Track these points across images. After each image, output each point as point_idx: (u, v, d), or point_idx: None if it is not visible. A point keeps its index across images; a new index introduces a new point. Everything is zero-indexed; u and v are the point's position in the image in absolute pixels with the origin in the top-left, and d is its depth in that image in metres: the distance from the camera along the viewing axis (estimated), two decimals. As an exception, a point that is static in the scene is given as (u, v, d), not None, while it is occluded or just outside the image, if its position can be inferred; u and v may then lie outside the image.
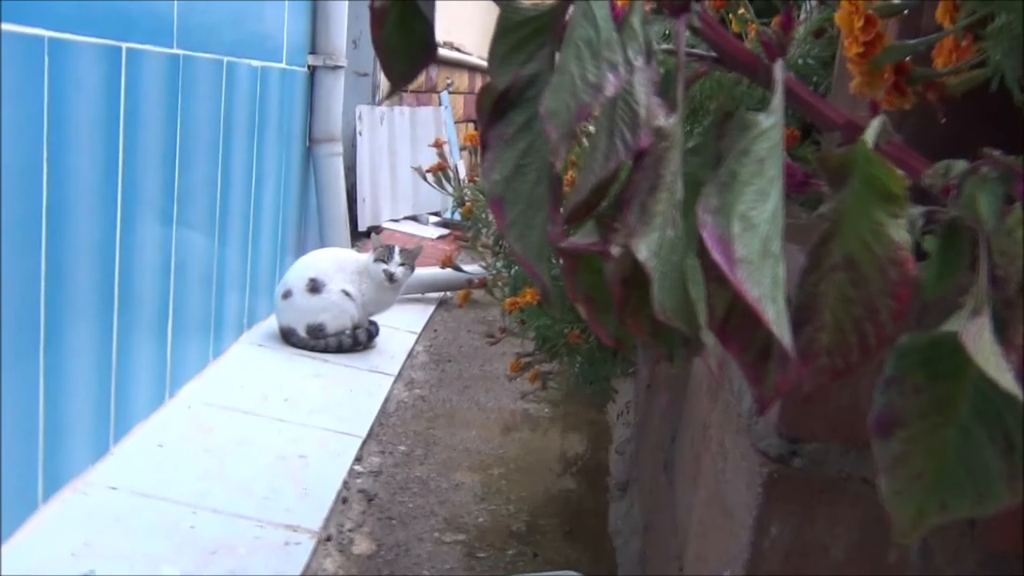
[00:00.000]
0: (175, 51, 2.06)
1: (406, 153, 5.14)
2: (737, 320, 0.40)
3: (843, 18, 0.63)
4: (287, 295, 2.80)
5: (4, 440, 1.54)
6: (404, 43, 0.44)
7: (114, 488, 1.81)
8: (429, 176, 1.77)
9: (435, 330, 3.42)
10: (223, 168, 2.45)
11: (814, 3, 1.14)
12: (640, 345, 0.46)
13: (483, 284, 1.73)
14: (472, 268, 3.10)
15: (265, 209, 2.89)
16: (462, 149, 5.99)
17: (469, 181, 1.75)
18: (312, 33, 3.19)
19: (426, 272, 3.53)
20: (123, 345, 1.94)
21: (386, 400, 2.58)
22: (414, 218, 5.35)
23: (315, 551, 1.73)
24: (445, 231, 5.32)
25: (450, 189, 1.77)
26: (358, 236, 4.25)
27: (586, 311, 0.48)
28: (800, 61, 1.01)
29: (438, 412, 2.61)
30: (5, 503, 1.56)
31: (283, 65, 2.90)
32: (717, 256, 0.37)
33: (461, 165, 6.19)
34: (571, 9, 0.38)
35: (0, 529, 1.56)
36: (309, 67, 3.18)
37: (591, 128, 0.47)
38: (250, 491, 1.90)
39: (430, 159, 2.06)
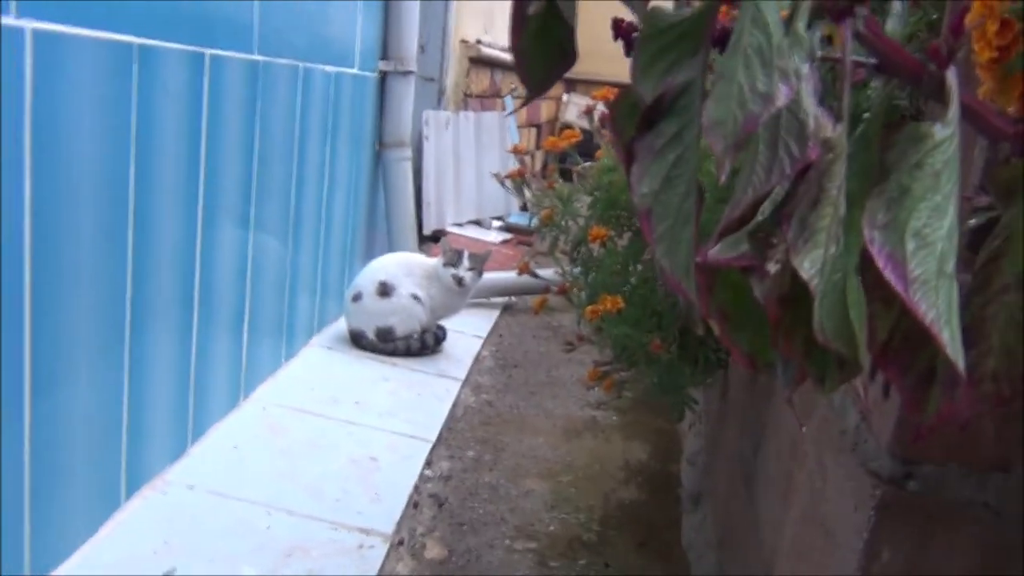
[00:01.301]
0: (255, 57, 2.09)
1: (471, 158, 5.16)
2: (899, 343, 0.38)
3: (975, 21, 0.61)
4: (357, 298, 2.83)
5: (91, 438, 1.58)
6: (543, 50, 0.43)
7: (192, 487, 1.85)
8: (508, 182, 1.76)
9: (501, 335, 3.42)
10: (297, 172, 2.48)
11: (900, 5, 1.11)
12: (782, 366, 0.43)
13: (564, 291, 1.72)
14: (541, 272, 3.09)
15: (336, 213, 2.92)
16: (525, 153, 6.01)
17: (548, 187, 1.74)
18: (383, 38, 3.21)
19: (493, 277, 3.53)
20: (202, 347, 1.98)
21: (454, 404, 2.58)
22: (477, 222, 5.36)
23: (388, 555, 1.73)
24: (508, 235, 5.34)
25: (529, 195, 1.76)
26: (423, 240, 4.27)
27: (720, 328, 0.46)
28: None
29: (505, 418, 2.60)
30: (90, 501, 1.60)
31: (355, 70, 2.93)
32: (889, 275, 0.34)
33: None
34: (734, 13, 0.36)
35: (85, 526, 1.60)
36: (380, 72, 3.21)
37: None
38: (322, 493, 1.91)
39: (494, 164, 2.06)
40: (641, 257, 1.64)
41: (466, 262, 2.88)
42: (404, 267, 2.90)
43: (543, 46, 0.43)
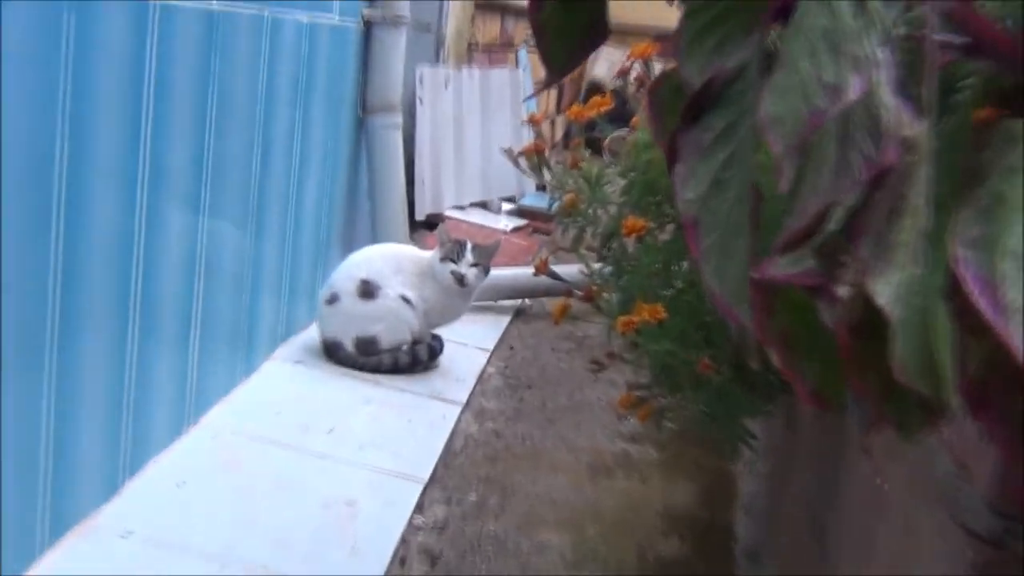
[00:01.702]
0: (211, 5, 2.11)
1: (476, 124, 5.19)
2: (996, 382, 0.39)
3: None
4: (333, 300, 2.86)
5: (3, 472, 1.60)
6: (569, 23, 0.44)
7: (126, 535, 1.87)
8: (522, 161, 1.78)
9: (511, 347, 3.45)
10: (261, 145, 2.50)
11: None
12: (855, 406, 0.45)
13: (590, 296, 1.73)
14: (562, 270, 3.12)
15: (308, 194, 2.96)
16: (544, 118, 6.02)
17: (572, 166, 1.76)
18: (369, -22, 3.26)
19: (502, 274, 3.57)
20: (141, 360, 2.01)
21: (452, 435, 2.61)
22: (483, 205, 5.39)
23: (370, 622, 1.76)
24: (520, 221, 5.37)
25: (549, 176, 1.78)
26: (415, 227, 4.31)
27: (780, 357, 0.47)
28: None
29: (516, 452, 2.62)
30: (2, 550, 1.62)
31: (334, 19, 2.96)
32: (980, 301, 0.36)
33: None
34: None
35: (-3, 581, 1.62)
36: (364, 20, 3.23)
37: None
38: (288, 545, 1.93)
39: (505, 133, 2.07)
40: (687, 255, 1.65)
41: (469, 256, 2.91)
42: (392, 262, 2.93)
43: (569, 18, 0.45)
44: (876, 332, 0.40)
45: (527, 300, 3.89)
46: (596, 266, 1.79)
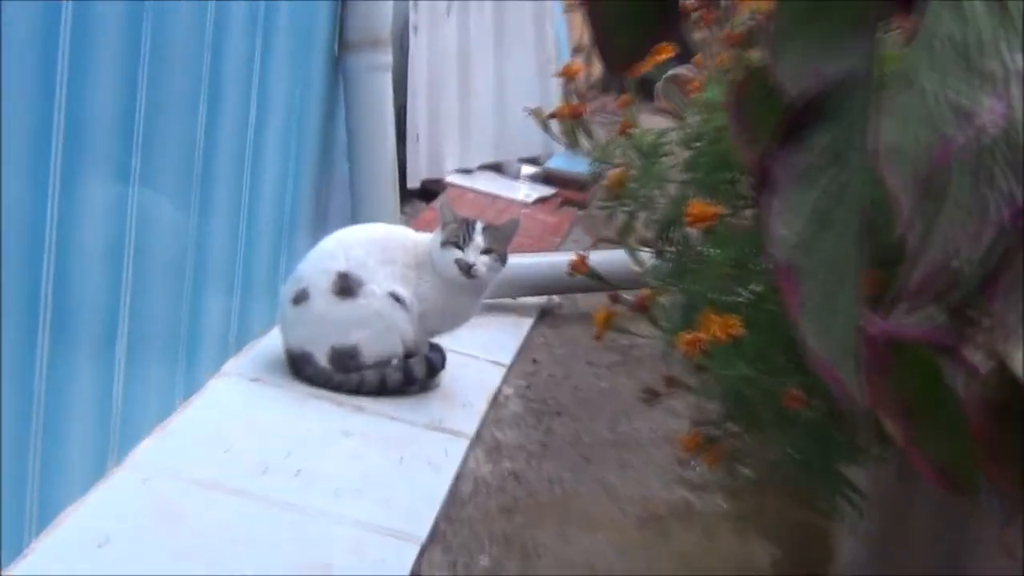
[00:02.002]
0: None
1: (486, 64, 5.23)
2: None
3: None
4: (301, 299, 2.90)
5: None
6: (632, 11, 0.47)
7: (35, 609, 1.90)
8: (553, 124, 1.81)
9: (535, 360, 3.48)
10: (208, 95, 2.54)
11: None
12: (991, 494, 0.48)
13: (643, 306, 1.76)
14: (601, 257, 3.15)
15: (269, 158, 2.99)
16: (576, 52, 5.99)
17: (620, 134, 1.79)
18: None
19: (523, 263, 3.60)
20: (51, 378, 2.03)
21: (458, 478, 2.64)
22: (497, 168, 5.41)
23: None
24: (547, 190, 5.39)
25: (587, 145, 1.81)
26: (406, 197, 4.35)
27: (899, 428, 0.50)
28: None
29: (542, 501, 2.65)
30: None
31: (302, -76, 2.99)
32: None
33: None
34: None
35: None
36: (342, -74, 3.27)
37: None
38: (245, 623, 1.97)
39: (526, 77, 2.06)
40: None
41: (479, 239, 2.93)
42: (378, 249, 2.97)
43: (632, 5, 0.48)
44: (1018, 410, 0.42)
45: (555, 297, 3.93)
46: (650, 263, 1.82)
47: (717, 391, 1.69)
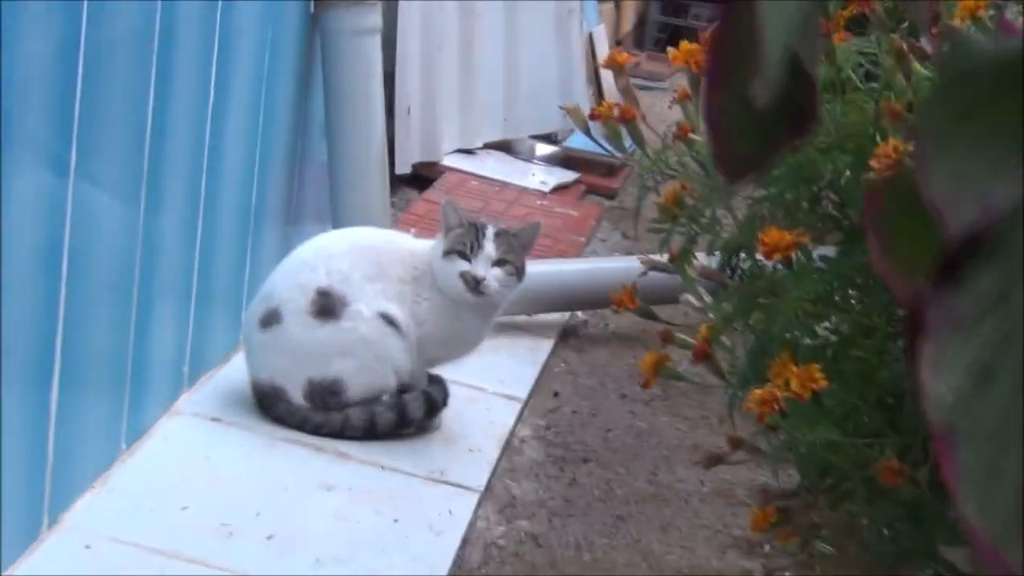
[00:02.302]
0: None
1: (494, 21, 5.24)
2: None
3: None
4: (270, 322, 2.91)
5: None
6: (760, 113, 0.49)
7: None
8: (594, 127, 1.83)
9: (556, 393, 3.51)
10: (158, 68, 2.56)
11: None
12: None
13: (704, 354, 1.78)
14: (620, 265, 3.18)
15: (230, 141, 3.01)
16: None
17: (678, 137, 1.81)
18: None
19: (541, 272, 3.57)
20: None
21: (465, 544, 2.66)
22: (506, 147, 5.40)
23: None
24: (568, 175, 5.42)
25: (640, 152, 1.84)
26: (395, 184, 4.34)
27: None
28: None
29: (565, 572, 2.66)
30: None
31: None
32: None
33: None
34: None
35: None
36: None
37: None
38: None
39: (543, 35, 2.05)
40: (867, 281, 1.69)
41: (490, 247, 2.94)
42: (366, 259, 2.97)
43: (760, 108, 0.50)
44: None
45: (580, 313, 3.96)
46: (710, 300, 1.84)
47: (794, 456, 1.70)
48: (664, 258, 1.94)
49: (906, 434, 1.63)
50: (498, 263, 2.95)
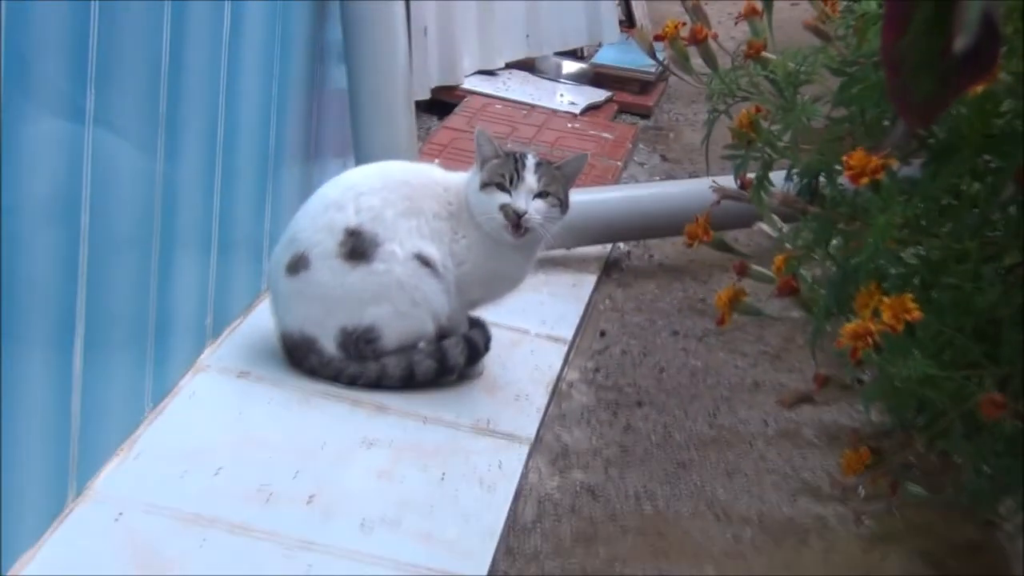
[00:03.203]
0: None
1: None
2: None
3: None
4: (298, 267, 2.92)
5: None
6: (936, 54, 0.51)
7: None
8: (665, 54, 1.83)
9: (603, 332, 3.54)
10: (172, 3, 2.58)
11: None
12: None
13: (791, 288, 1.79)
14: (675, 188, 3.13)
15: (246, 76, 3.03)
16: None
17: (748, 57, 1.81)
18: None
19: (578, 200, 3.50)
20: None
21: (517, 497, 2.69)
22: (529, 66, 5.46)
23: None
24: (598, 95, 5.40)
25: (713, 81, 1.85)
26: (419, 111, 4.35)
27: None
28: None
29: (628, 525, 2.69)
30: None
31: None
32: None
33: None
34: None
35: None
36: None
37: None
38: None
39: None
40: (956, 204, 1.70)
41: (531, 179, 2.94)
42: (398, 194, 2.98)
43: (936, 48, 0.52)
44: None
45: (622, 244, 3.99)
46: (788, 230, 1.85)
47: (886, 393, 1.71)
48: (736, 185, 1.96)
49: (1006, 364, 1.64)
50: (540, 195, 2.95)
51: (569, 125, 4.87)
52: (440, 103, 4.77)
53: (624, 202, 3.88)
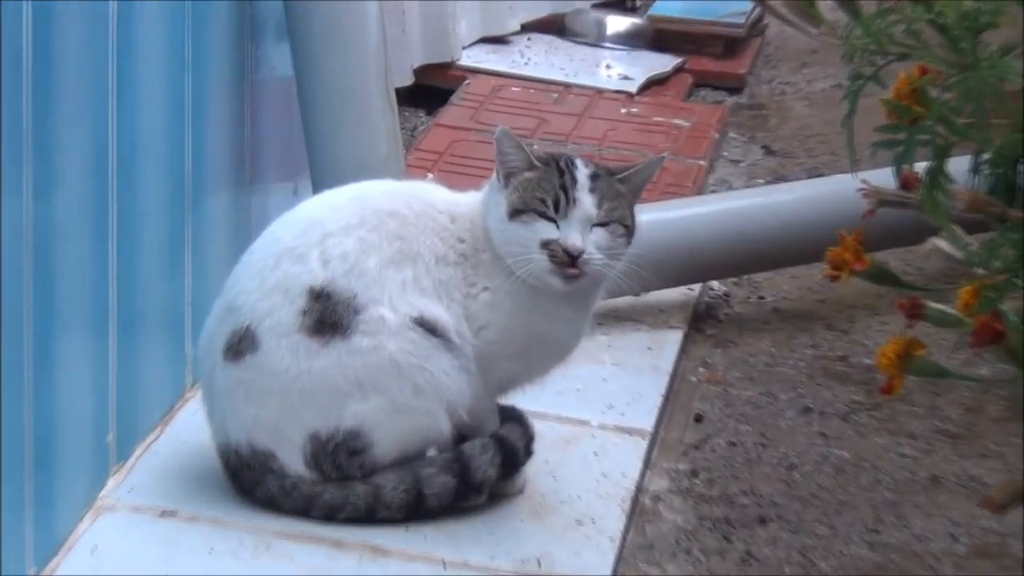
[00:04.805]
0: None
1: None
2: None
3: None
4: (239, 348, 2.92)
5: None
6: None
7: None
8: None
9: (699, 416, 3.56)
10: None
11: None
12: None
13: (992, 331, 1.81)
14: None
15: (145, 69, 3.06)
16: None
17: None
18: None
19: (655, 221, 3.58)
20: None
21: None
22: (555, 26, 5.41)
23: None
24: (661, 61, 5.45)
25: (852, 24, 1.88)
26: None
27: None
28: None
29: None
30: None
31: None
32: None
33: None
34: None
35: None
36: None
37: None
38: None
39: None
40: None
41: (587, 199, 2.93)
42: (380, 231, 2.97)
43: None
44: None
45: (716, 283, 4.04)
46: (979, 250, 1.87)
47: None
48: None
49: None
50: (601, 224, 2.94)
51: (623, 110, 4.89)
52: (428, 90, 4.78)
53: (715, 221, 3.88)
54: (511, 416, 3.12)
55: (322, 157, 3.56)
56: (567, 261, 2.89)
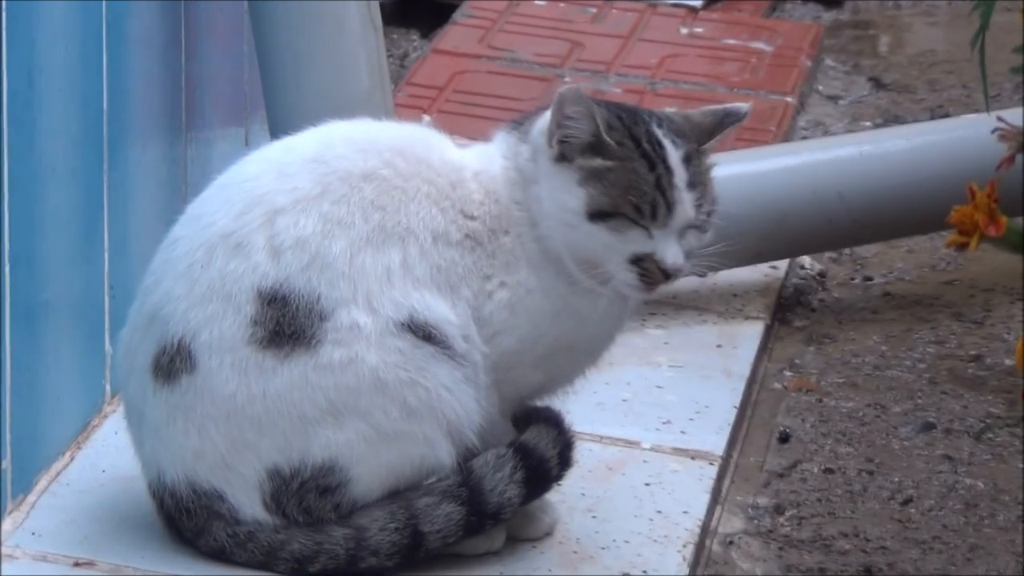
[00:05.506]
0: None
1: None
2: None
3: None
4: (171, 368, 2.77)
5: None
6: None
7: None
8: None
9: (784, 434, 3.42)
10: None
11: None
12: None
13: None
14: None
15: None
16: None
17: None
18: None
19: (729, 177, 3.42)
20: None
21: None
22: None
23: None
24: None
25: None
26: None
27: None
28: None
29: None
30: None
31: None
32: None
33: None
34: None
35: None
36: None
37: None
38: None
39: None
40: None
41: (687, 198, 2.79)
42: (353, 200, 2.81)
43: None
44: None
45: (807, 260, 3.88)
46: None
47: None
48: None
49: None
50: (697, 226, 2.84)
51: (684, 30, 4.80)
52: (423, 5, 4.65)
53: (807, 177, 3.75)
54: (538, 416, 2.93)
55: (282, 95, 3.42)
56: (661, 279, 2.80)
